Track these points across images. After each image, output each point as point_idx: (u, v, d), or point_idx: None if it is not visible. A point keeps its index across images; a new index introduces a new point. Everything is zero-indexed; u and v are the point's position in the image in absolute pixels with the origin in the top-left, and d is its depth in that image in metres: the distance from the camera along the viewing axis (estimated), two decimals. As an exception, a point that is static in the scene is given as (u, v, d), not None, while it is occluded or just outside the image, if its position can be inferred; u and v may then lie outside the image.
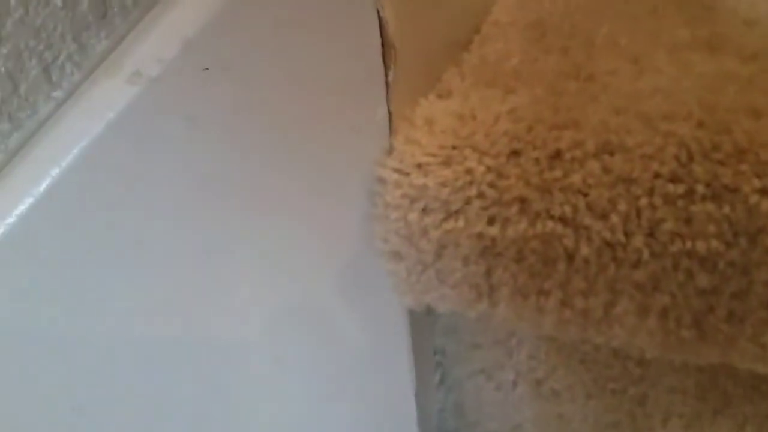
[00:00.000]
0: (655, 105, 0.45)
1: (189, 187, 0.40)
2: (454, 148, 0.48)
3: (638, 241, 0.42)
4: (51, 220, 0.35)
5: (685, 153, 0.42)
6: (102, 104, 0.37)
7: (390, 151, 0.50)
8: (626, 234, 0.43)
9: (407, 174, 0.48)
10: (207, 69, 0.39)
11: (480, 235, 0.46)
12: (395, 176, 0.48)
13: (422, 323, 0.62)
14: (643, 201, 0.42)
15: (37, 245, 0.35)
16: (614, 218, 0.43)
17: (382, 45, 0.46)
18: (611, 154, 0.44)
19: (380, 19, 0.45)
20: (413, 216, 0.48)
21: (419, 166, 0.48)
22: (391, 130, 0.50)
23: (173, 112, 0.38)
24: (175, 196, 0.40)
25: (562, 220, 0.44)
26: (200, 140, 0.39)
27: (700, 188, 0.41)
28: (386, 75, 0.47)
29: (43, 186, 0.35)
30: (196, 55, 0.38)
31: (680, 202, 0.42)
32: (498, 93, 0.51)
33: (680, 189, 0.41)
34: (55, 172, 0.36)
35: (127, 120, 0.36)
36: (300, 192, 0.47)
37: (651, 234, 0.42)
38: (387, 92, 0.48)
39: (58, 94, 0.37)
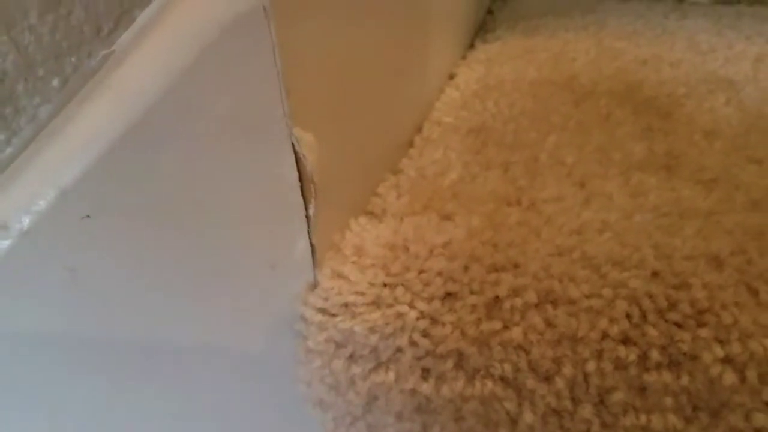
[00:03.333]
0: (602, 246, 0.41)
1: (71, 349, 0.35)
2: (384, 285, 0.43)
3: (587, 410, 0.38)
4: None
5: (637, 311, 0.38)
6: None
7: (314, 287, 0.45)
8: (573, 401, 0.38)
9: (333, 315, 0.43)
10: (88, 216, 0.34)
11: (413, 391, 0.41)
12: (319, 317, 0.43)
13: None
14: (591, 365, 0.37)
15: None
16: (559, 382, 0.38)
17: (300, 179, 0.41)
18: (554, 305, 0.39)
19: (296, 153, 0.40)
20: (339, 364, 0.43)
21: (346, 306, 0.43)
22: (316, 261, 0.45)
23: (48, 265, 0.33)
24: (53, 360, 0.35)
25: (503, 380, 0.39)
26: (84, 294, 0.34)
27: (655, 354, 0.36)
28: (306, 209, 0.42)
29: None
30: (74, 203, 0.33)
31: (633, 369, 0.37)
32: (433, 219, 0.46)
33: (632, 354, 0.37)
34: None
35: None
36: (216, 336, 0.42)
37: (601, 403, 0.37)
38: (308, 225, 0.43)
39: None
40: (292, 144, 0.40)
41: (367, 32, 0.49)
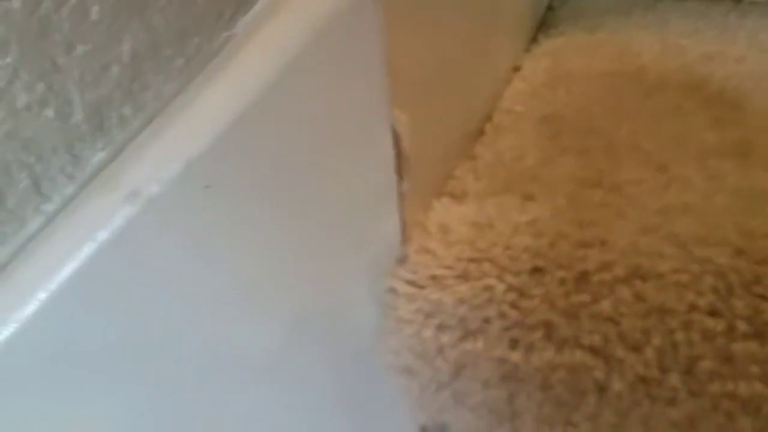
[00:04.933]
0: (687, 225, 0.43)
1: (191, 310, 0.37)
2: (471, 260, 0.45)
3: (674, 378, 0.39)
4: (37, 349, 0.32)
5: (723, 284, 0.39)
6: (96, 224, 0.33)
7: (403, 260, 0.47)
8: (661, 370, 0.40)
9: (422, 287, 0.45)
10: (208, 187, 0.36)
11: (501, 360, 0.43)
12: (409, 289, 0.45)
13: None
14: (680, 335, 0.39)
15: (20, 375, 0.32)
16: (648, 352, 0.40)
17: (396, 157, 0.43)
18: (643, 279, 0.41)
19: (394, 132, 0.42)
20: (428, 333, 0.45)
21: (434, 278, 0.45)
22: (404, 238, 0.47)
23: (172, 232, 0.35)
24: (174, 319, 0.36)
25: (592, 349, 0.41)
26: (202, 260, 0.36)
27: (742, 325, 0.38)
28: (400, 186, 0.44)
29: (30, 311, 0.32)
30: (198, 173, 0.35)
31: (720, 339, 0.39)
32: (515, 200, 0.48)
33: (720, 325, 0.39)
34: (42, 296, 0.32)
35: (122, 241, 0.33)
36: (309, 305, 0.44)
37: (688, 371, 0.39)
38: (400, 202, 0.45)
39: (48, 207, 0.33)
40: (392, 124, 0.43)
41: (452, 20, 0.51)
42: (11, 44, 0.28)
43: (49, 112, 0.31)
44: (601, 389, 0.41)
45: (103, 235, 0.33)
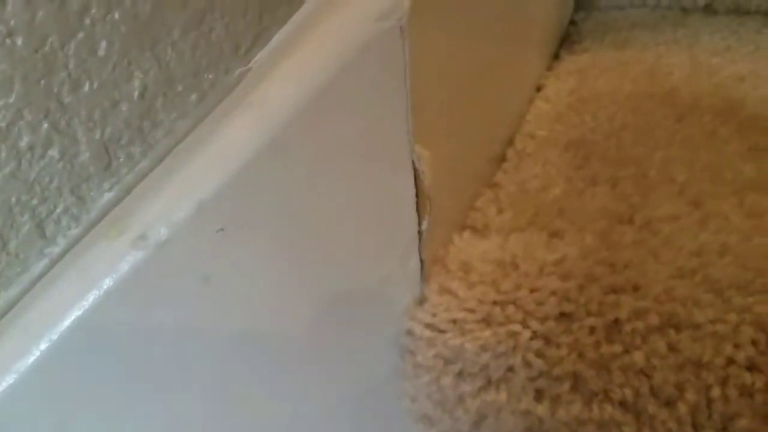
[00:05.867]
0: (725, 269, 0.40)
1: (199, 360, 0.35)
2: (494, 303, 0.43)
3: (711, 437, 0.37)
4: (36, 400, 0.30)
5: (764, 337, 0.37)
6: (101, 270, 0.32)
7: (422, 301, 0.44)
8: (695, 427, 0.37)
9: (442, 332, 0.43)
10: (222, 230, 0.34)
11: (526, 412, 0.41)
12: (428, 333, 0.43)
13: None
14: (716, 391, 0.37)
15: (20, 426, 0.31)
16: (682, 408, 0.37)
17: (416, 195, 0.41)
18: (677, 329, 0.38)
19: (415, 170, 0.40)
20: (447, 380, 0.42)
21: (455, 322, 0.43)
22: (423, 276, 0.45)
23: (182, 278, 0.33)
24: (179, 370, 0.35)
25: (623, 404, 0.38)
26: (213, 308, 0.34)
27: (785, 382, 0.36)
28: (419, 224, 0.42)
29: (30, 361, 0.30)
30: (211, 216, 0.33)
31: (759, 396, 0.36)
32: (542, 236, 0.45)
33: (759, 381, 0.36)
34: (43, 346, 0.31)
35: (129, 287, 0.32)
36: (326, 345, 0.42)
37: (724, 429, 0.37)
38: (419, 241, 0.43)
39: (52, 249, 0.32)
40: (413, 161, 0.40)
41: (476, 50, 0.49)
42: (15, 82, 0.26)
43: (54, 153, 0.29)
44: (633, 446, 0.39)
45: (108, 283, 0.31)
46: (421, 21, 0.38)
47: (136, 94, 0.31)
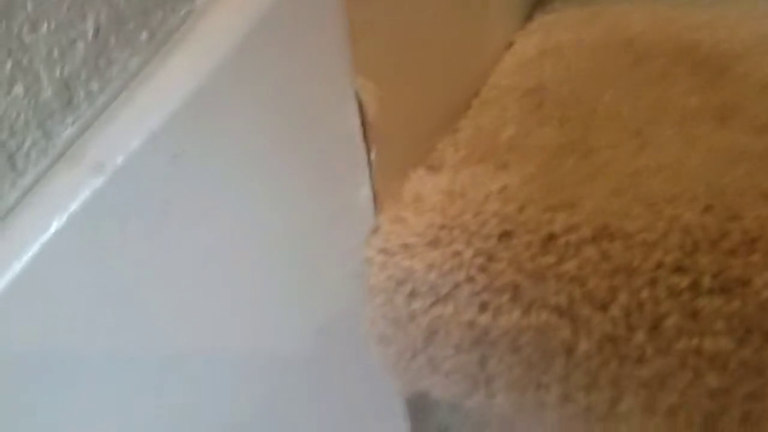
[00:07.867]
0: (657, 186, 0.42)
1: (165, 275, 0.37)
2: (442, 227, 0.45)
3: (641, 336, 0.39)
4: (7, 321, 0.32)
5: (690, 241, 0.39)
6: (64, 196, 0.34)
7: (376, 230, 0.47)
8: (628, 328, 0.39)
9: (393, 255, 0.45)
10: (177, 156, 0.36)
11: (471, 323, 0.43)
12: (381, 257, 0.45)
13: (424, 400, 0.58)
14: (645, 293, 0.39)
15: None
16: (614, 310, 0.39)
17: (363, 125, 0.43)
18: (610, 239, 0.40)
19: (359, 99, 0.42)
20: (400, 299, 0.44)
21: (406, 246, 0.45)
22: (377, 207, 0.47)
23: (138, 202, 0.35)
24: (140, 291, 0.37)
25: (558, 310, 0.40)
26: (171, 229, 0.37)
27: (707, 280, 0.38)
28: (368, 154, 0.44)
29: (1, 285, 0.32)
30: (164, 143, 0.35)
31: (685, 295, 0.38)
32: (489, 169, 0.47)
33: (685, 281, 0.38)
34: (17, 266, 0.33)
35: (90, 212, 0.34)
36: (282, 279, 0.44)
37: (655, 328, 0.39)
38: (370, 171, 0.45)
39: (24, 181, 0.34)
40: (355, 91, 0.43)
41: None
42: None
43: (19, 89, 0.32)
44: (569, 350, 0.40)
45: (72, 207, 0.34)
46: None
47: (90, 33, 0.34)
